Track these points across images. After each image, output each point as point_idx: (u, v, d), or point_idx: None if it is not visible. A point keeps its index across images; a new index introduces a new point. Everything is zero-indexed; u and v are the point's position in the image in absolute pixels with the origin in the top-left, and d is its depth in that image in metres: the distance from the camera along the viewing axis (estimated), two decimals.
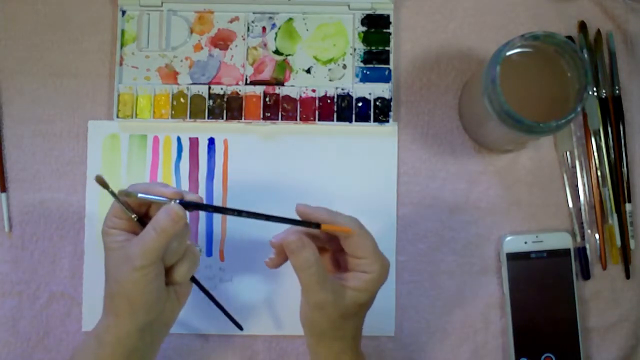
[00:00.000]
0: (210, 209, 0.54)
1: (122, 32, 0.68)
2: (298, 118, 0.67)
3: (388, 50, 0.68)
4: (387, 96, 0.67)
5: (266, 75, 0.68)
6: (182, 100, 0.67)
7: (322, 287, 0.52)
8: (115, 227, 0.53)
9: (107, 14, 0.69)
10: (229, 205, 0.66)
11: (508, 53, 0.57)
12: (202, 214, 0.67)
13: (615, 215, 0.67)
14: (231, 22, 0.68)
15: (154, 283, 0.52)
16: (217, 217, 0.67)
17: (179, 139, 0.68)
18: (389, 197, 0.67)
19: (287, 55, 0.68)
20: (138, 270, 0.50)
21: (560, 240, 0.66)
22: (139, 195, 0.52)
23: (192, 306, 0.65)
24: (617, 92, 0.68)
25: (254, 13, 0.68)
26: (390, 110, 0.67)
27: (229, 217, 0.66)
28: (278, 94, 0.67)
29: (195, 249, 0.57)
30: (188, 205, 0.52)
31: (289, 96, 0.67)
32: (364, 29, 0.68)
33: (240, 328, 0.64)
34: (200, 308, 0.64)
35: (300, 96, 0.67)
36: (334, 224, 0.52)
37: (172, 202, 0.52)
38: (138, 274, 0.51)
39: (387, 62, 0.68)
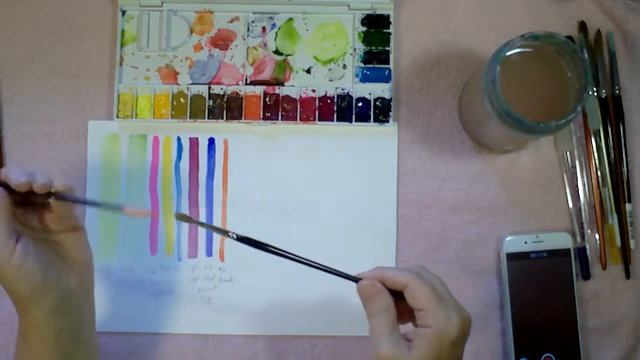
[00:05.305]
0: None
1: (122, 32, 0.68)
2: (298, 118, 0.67)
3: (388, 50, 0.68)
4: (387, 96, 0.67)
5: (266, 75, 0.68)
6: (182, 100, 0.67)
7: (389, 337, 0.48)
8: None
9: (107, 14, 0.69)
10: (227, 205, 0.66)
11: (508, 53, 0.57)
12: (201, 214, 0.67)
13: (615, 215, 0.67)
14: (231, 22, 0.68)
15: (16, 259, 0.50)
16: (217, 217, 0.67)
17: (179, 139, 0.68)
18: (389, 197, 0.67)
19: (287, 55, 0.68)
20: None
21: (560, 240, 0.66)
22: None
23: (192, 306, 0.65)
24: (617, 92, 0.68)
25: (254, 13, 0.68)
26: (390, 110, 0.67)
27: (228, 217, 0.66)
28: (278, 94, 0.67)
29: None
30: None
31: (289, 96, 0.67)
32: (364, 29, 0.68)
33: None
34: (200, 308, 0.64)
35: (300, 96, 0.67)
36: (388, 279, 0.49)
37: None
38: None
39: (387, 62, 0.68)
